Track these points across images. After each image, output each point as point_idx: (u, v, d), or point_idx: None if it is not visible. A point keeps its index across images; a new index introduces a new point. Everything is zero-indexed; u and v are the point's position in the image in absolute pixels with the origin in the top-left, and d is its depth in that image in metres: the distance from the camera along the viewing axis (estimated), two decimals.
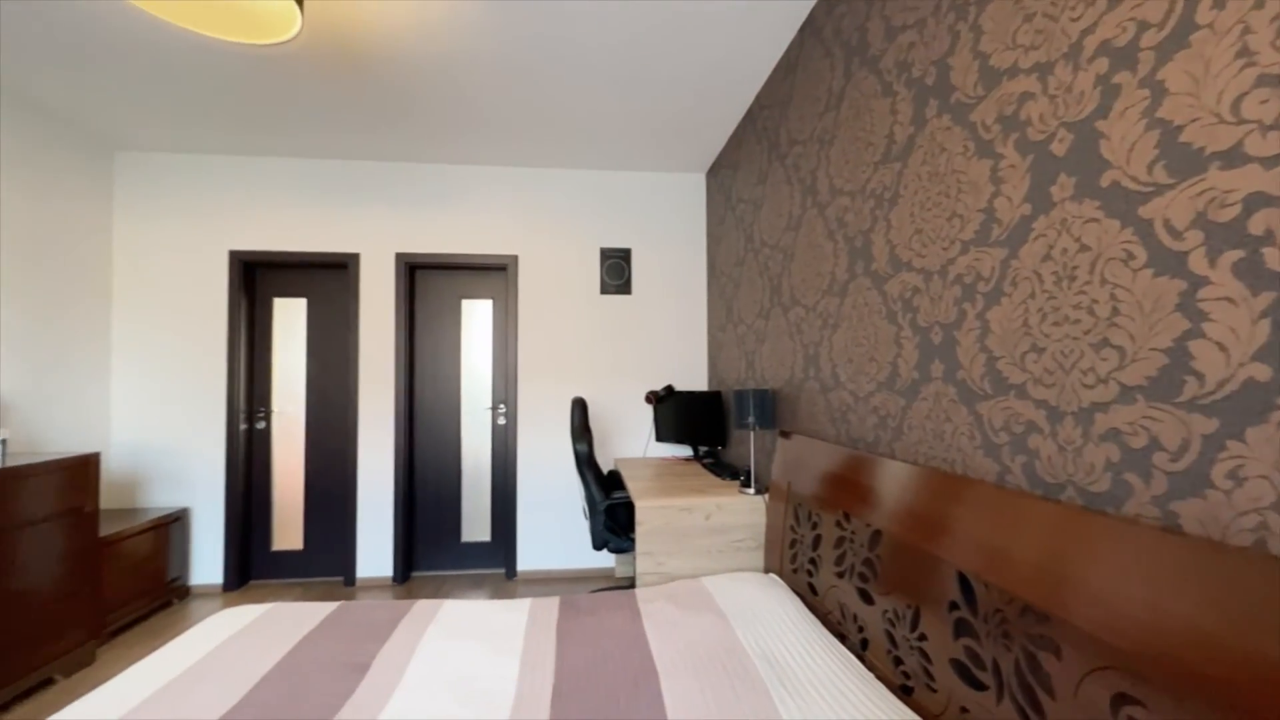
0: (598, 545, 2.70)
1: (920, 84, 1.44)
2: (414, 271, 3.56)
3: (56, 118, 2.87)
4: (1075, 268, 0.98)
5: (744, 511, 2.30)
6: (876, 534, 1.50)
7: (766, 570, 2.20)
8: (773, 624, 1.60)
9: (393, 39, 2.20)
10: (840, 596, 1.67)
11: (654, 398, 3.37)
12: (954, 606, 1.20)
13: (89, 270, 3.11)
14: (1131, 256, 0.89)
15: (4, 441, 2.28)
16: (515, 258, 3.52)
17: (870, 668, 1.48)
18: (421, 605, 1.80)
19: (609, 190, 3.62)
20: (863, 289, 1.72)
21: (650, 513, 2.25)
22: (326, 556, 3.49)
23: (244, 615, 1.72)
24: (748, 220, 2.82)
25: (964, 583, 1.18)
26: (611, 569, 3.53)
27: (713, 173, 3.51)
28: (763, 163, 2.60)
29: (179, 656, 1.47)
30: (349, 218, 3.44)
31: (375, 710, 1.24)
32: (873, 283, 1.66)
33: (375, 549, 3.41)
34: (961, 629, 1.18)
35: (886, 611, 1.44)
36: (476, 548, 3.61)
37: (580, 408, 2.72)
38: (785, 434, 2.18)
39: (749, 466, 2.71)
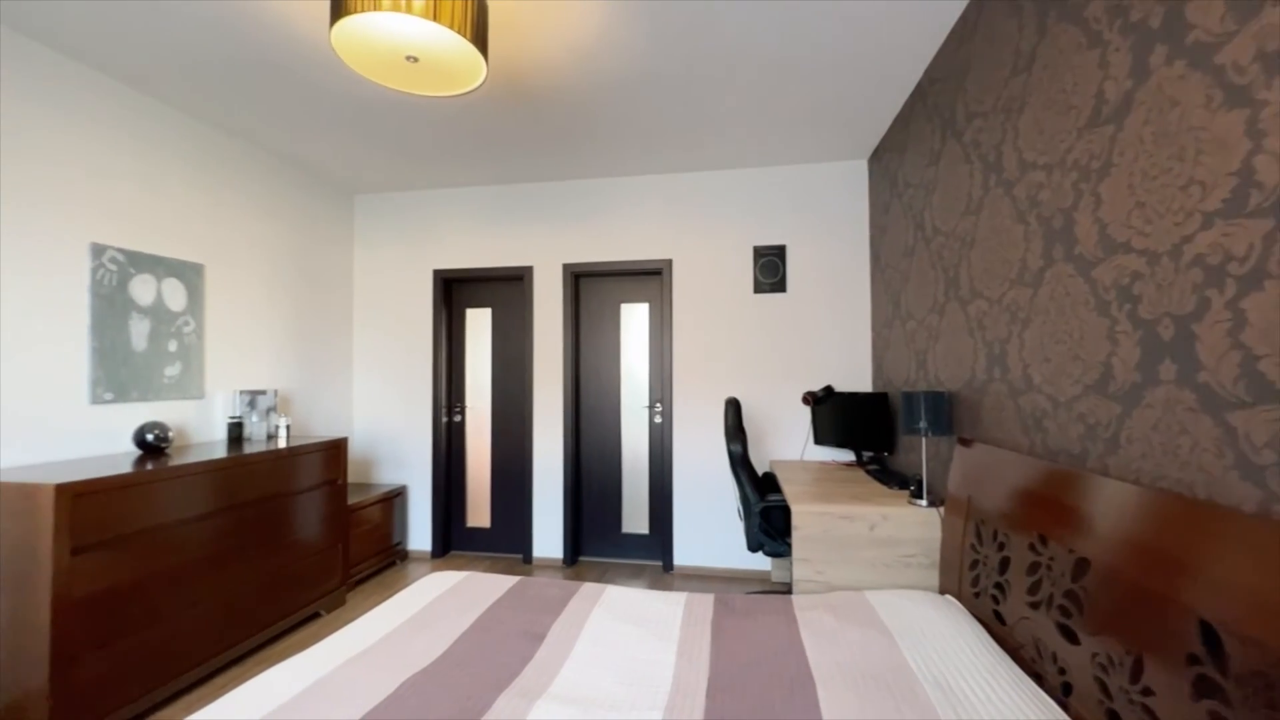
0: (753, 547, 2.68)
1: (1141, 28, 1.20)
2: (578, 280, 3.86)
3: (314, 171, 3.65)
4: None
5: (914, 524, 2.11)
6: (1082, 563, 1.29)
7: (942, 591, 1.99)
8: (947, 649, 1.46)
9: (552, 71, 2.42)
10: (1035, 630, 1.46)
11: (811, 399, 3.24)
12: (1194, 660, 0.99)
13: (337, 291, 3.91)
14: None
15: (288, 427, 2.97)
16: (669, 261, 3.64)
17: (1076, 717, 1.27)
18: (588, 588, 1.96)
19: (760, 187, 3.56)
20: (1062, 277, 1.48)
21: (807, 518, 2.18)
22: (509, 535, 3.95)
23: (447, 580, 2.03)
24: (917, 206, 2.58)
25: (1207, 632, 0.96)
26: (767, 572, 3.48)
27: (875, 158, 3.26)
28: (934, 142, 2.36)
29: (402, 608, 1.79)
30: (524, 235, 3.85)
31: (550, 676, 1.39)
32: (1076, 269, 1.42)
33: (548, 532, 3.77)
34: (1205, 689, 0.96)
35: (1096, 655, 1.22)
36: (635, 539, 3.80)
37: (734, 408, 2.72)
38: (965, 441, 1.96)
39: (920, 475, 2.48)
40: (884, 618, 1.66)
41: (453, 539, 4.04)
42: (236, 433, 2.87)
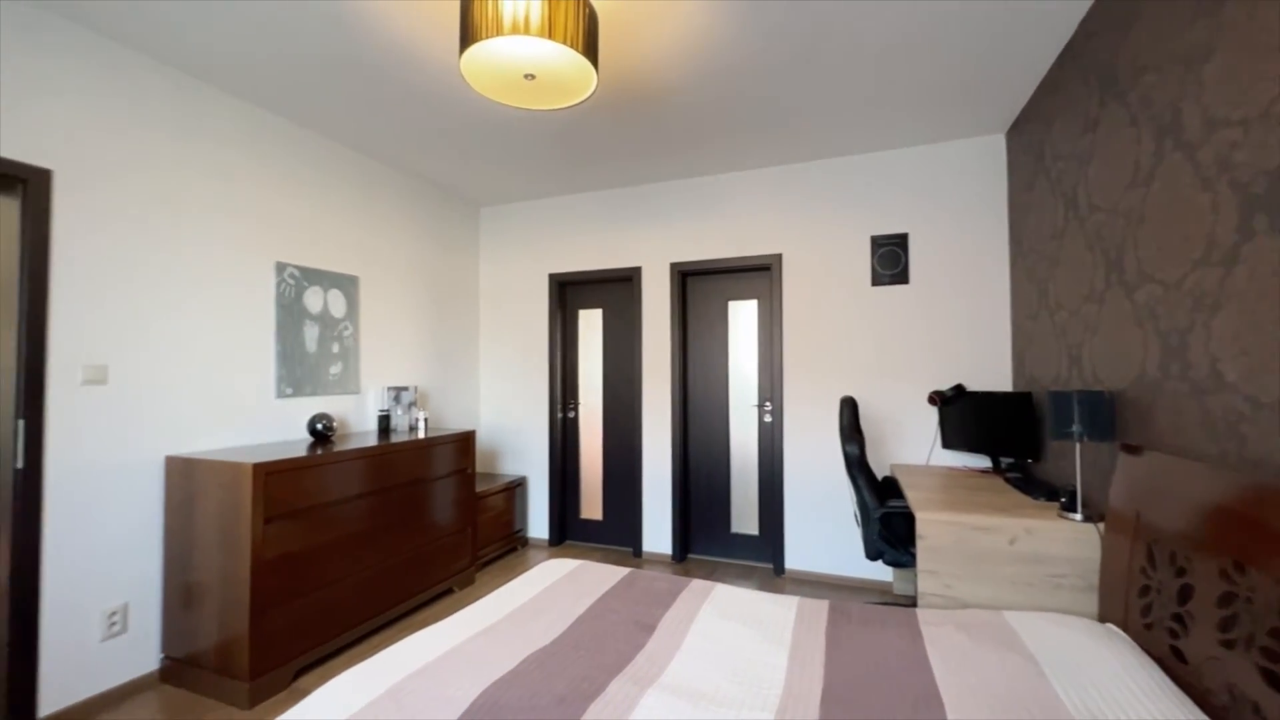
0: (871, 555, 2.52)
1: None
2: (686, 278, 3.88)
3: (446, 188, 4.02)
4: None
5: (1065, 541, 1.87)
6: None
7: (1101, 619, 1.74)
8: (1109, 686, 1.27)
9: (659, 71, 2.45)
10: (1228, 673, 1.22)
11: (939, 399, 2.98)
12: None
13: (465, 296, 4.28)
14: None
15: (425, 420, 3.30)
16: (779, 256, 3.54)
17: None
18: (697, 584, 1.96)
19: (878, 173, 3.34)
20: (1265, 253, 1.23)
21: (934, 527, 2.01)
22: (620, 528, 4.08)
23: (564, 567, 2.14)
24: (1068, 181, 2.27)
25: None
26: (888, 583, 3.25)
27: (1016, 131, 2.93)
28: (1090, 106, 2.06)
29: (524, 590, 1.92)
30: (632, 236, 3.94)
31: (661, 667, 1.41)
32: None
33: (657, 527, 3.83)
34: None
35: None
36: (745, 539, 3.74)
37: (850, 407, 2.59)
38: (1131, 449, 1.70)
39: (1073, 486, 2.18)
40: (1028, 642, 1.49)
41: (568, 529, 4.25)
42: (385, 424, 3.25)
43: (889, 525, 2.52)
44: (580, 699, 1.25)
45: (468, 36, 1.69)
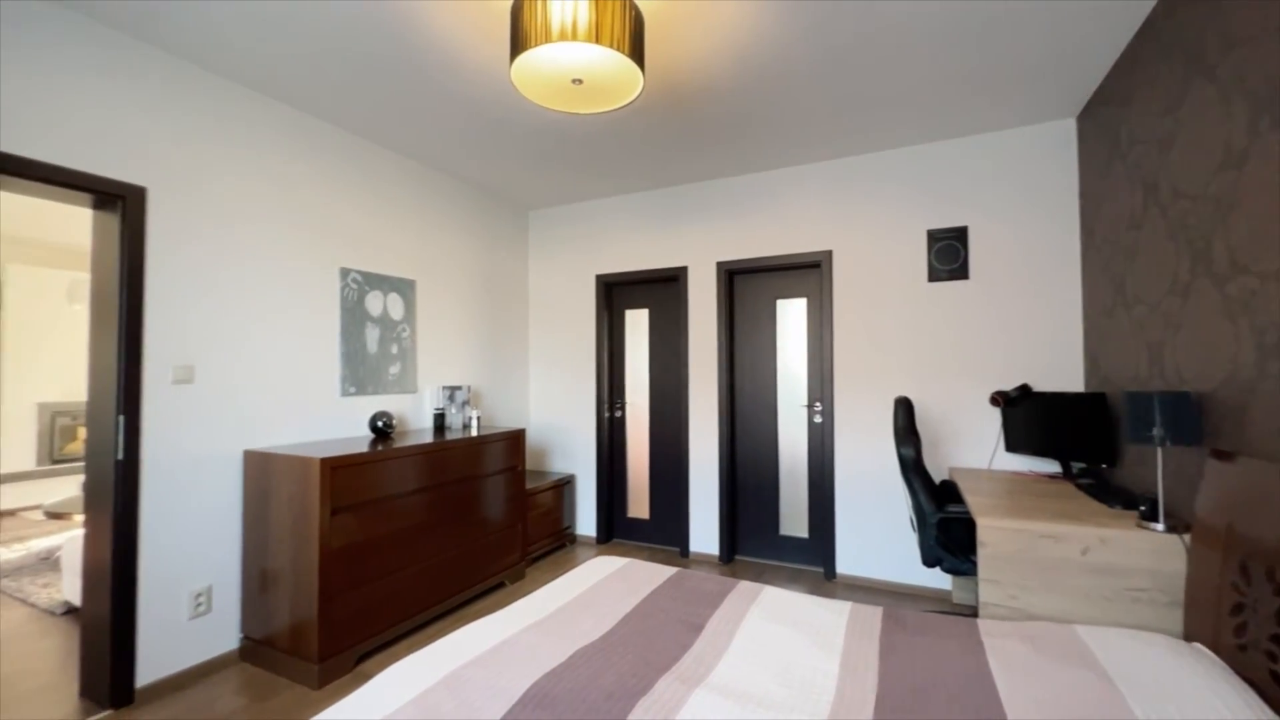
0: (928, 561, 2.43)
1: None
2: (732, 277, 3.85)
3: (497, 192, 4.14)
4: None
5: (1145, 552, 1.74)
6: None
7: (1187, 636, 1.62)
8: (1196, 709, 1.18)
9: (705, 69, 2.44)
10: None
11: (1002, 399, 2.84)
12: None
13: (515, 298, 4.38)
14: None
15: (478, 418, 3.40)
16: (829, 253, 3.45)
17: None
18: (745, 585, 1.95)
19: (934, 164, 3.20)
20: None
21: (996, 534, 1.92)
22: (666, 528, 4.08)
23: (611, 564, 2.17)
24: (1148, 166, 2.12)
25: None
26: (946, 591, 3.12)
27: (1088, 114, 2.75)
28: (1173, 84, 1.91)
29: (572, 586, 1.95)
30: (678, 236, 3.94)
31: (708, 667, 1.41)
32: None
33: (704, 528, 3.81)
34: None
35: None
36: (794, 542, 3.67)
37: (905, 408, 2.50)
38: (1223, 455, 1.56)
39: (1154, 494, 2.03)
40: (1103, 660, 1.40)
41: (615, 527, 4.29)
42: (440, 422, 3.37)
43: (947, 531, 2.42)
44: (628, 695, 1.26)
45: (518, 44, 1.74)
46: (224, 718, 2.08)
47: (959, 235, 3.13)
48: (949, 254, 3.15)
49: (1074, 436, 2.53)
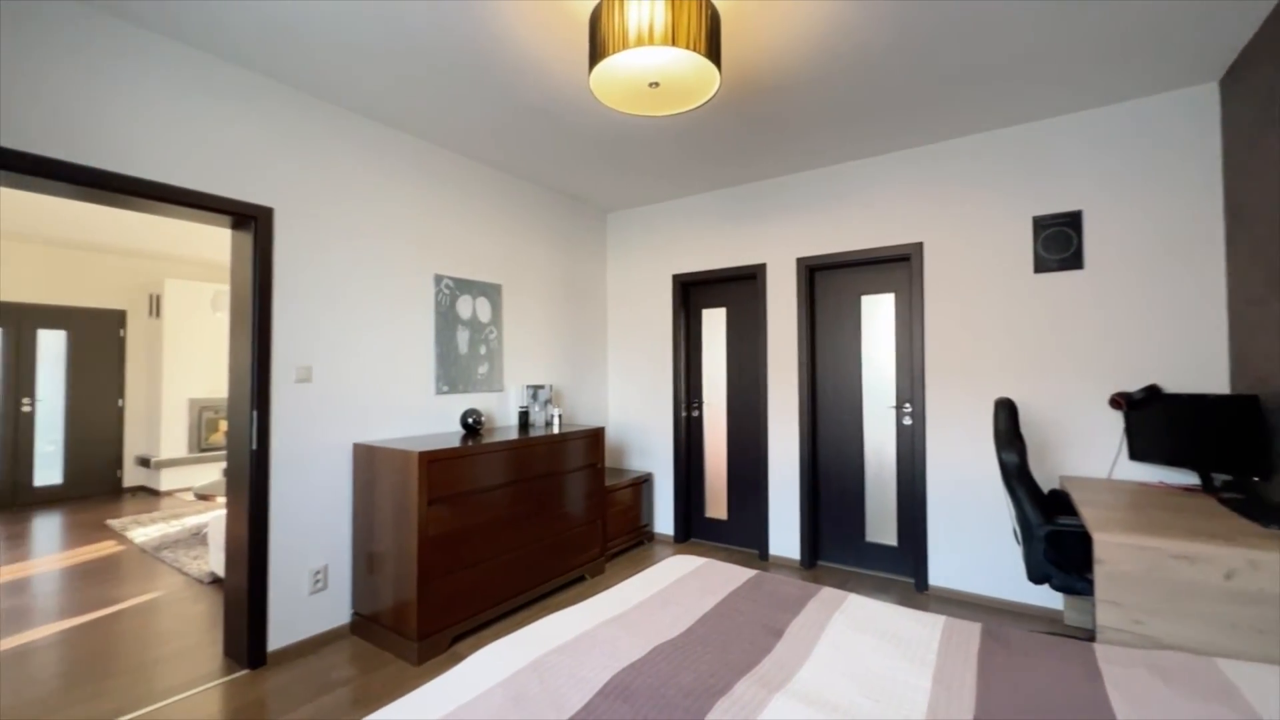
0: (1035, 577, 2.23)
1: None
2: (813, 273, 3.72)
3: (576, 197, 4.26)
4: None
5: None
6: None
7: None
8: None
9: (783, 61, 2.37)
10: None
11: (1124, 401, 2.55)
12: None
13: (594, 300, 4.49)
14: None
15: (559, 416, 3.53)
16: (919, 245, 3.26)
17: None
18: (828, 592, 1.88)
19: (1042, 143, 2.93)
20: None
21: (1117, 551, 1.73)
22: (745, 529, 4.02)
23: (690, 563, 2.17)
24: None
25: None
26: (1057, 611, 2.85)
27: (1234, 77, 2.40)
28: None
29: (651, 582, 1.98)
30: (755, 233, 3.87)
31: (789, 673, 1.38)
32: None
33: (784, 531, 3.72)
34: None
35: None
36: (881, 550, 3.50)
37: (1007, 410, 2.31)
38: None
39: None
40: (1253, 700, 1.22)
41: (693, 527, 4.28)
42: (524, 420, 3.53)
43: (1058, 545, 2.21)
44: (707, 694, 1.27)
45: (597, 52, 1.79)
46: (339, 684, 2.31)
47: (1071, 221, 2.84)
48: (1059, 242, 2.87)
49: (1218, 444, 2.23)
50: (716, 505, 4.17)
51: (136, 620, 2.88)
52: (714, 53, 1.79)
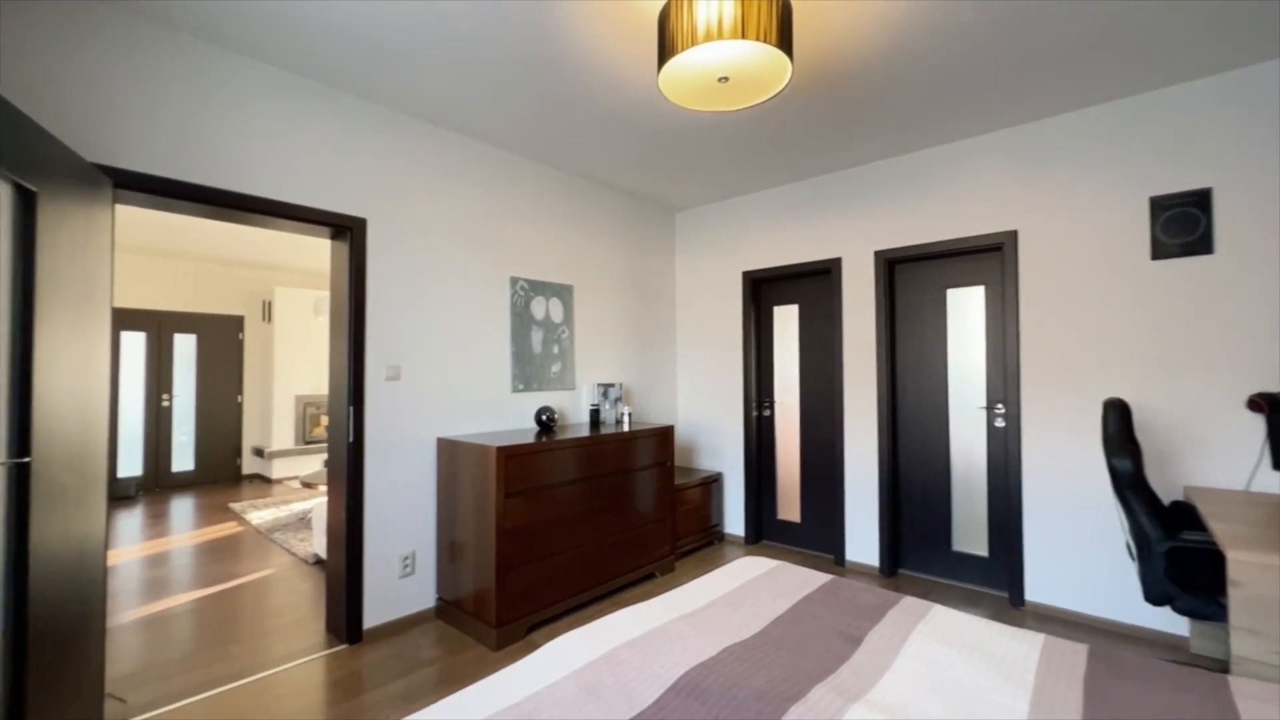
0: (1154, 599, 2.01)
1: None
2: (892, 267, 3.54)
3: (644, 197, 4.29)
4: None
5: None
6: None
7: None
8: None
9: (857, 46, 2.27)
10: None
11: (1266, 404, 2.25)
12: None
13: (663, 298, 4.50)
14: None
15: (629, 414, 3.56)
16: (1013, 234, 3.02)
17: None
18: (910, 601, 1.79)
19: (1160, 116, 2.63)
20: None
21: (1258, 572, 1.52)
22: (819, 533, 3.89)
23: (761, 565, 2.13)
24: None
25: None
26: (1182, 638, 2.55)
27: None
28: None
29: (722, 582, 1.96)
30: (829, 226, 3.73)
31: (868, 683, 1.32)
32: None
33: (862, 536, 3.57)
34: None
35: None
36: (970, 560, 3.28)
37: (1118, 412, 2.10)
38: None
39: None
40: None
41: (764, 529, 4.20)
42: (595, 417, 3.60)
43: (1180, 563, 1.98)
44: (780, 699, 1.24)
45: (666, 50, 1.79)
46: (425, 664, 2.46)
47: (1198, 200, 2.53)
48: (1184, 224, 2.56)
49: None
50: (789, 507, 4.07)
51: (254, 594, 3.21)
52: (785, 42, 1.75)
